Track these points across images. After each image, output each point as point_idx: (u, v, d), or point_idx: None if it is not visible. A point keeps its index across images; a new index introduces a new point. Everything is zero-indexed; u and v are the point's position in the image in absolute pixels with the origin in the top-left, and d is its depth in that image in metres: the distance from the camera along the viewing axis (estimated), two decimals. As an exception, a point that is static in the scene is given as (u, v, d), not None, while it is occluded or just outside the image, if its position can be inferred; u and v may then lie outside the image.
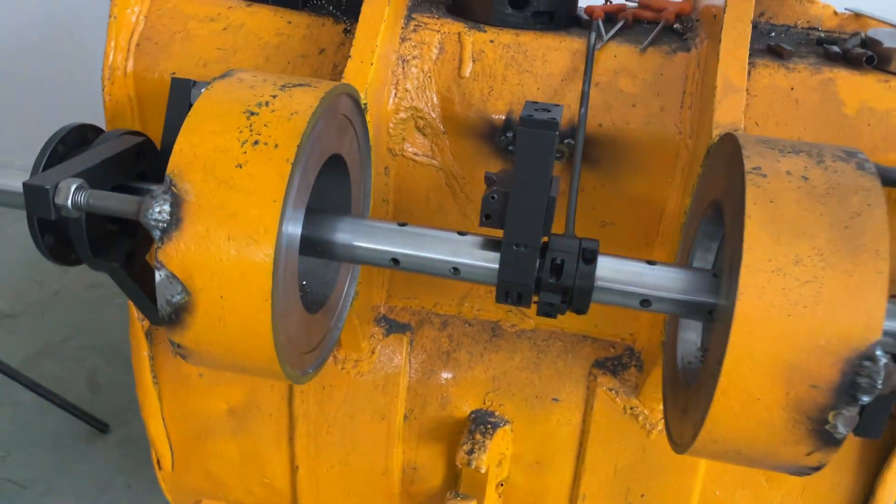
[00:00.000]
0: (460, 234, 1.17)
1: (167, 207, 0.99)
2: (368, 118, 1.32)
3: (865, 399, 0.90)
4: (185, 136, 1.02)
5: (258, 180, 0.99)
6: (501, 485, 1.68)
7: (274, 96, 1.06)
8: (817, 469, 0.98)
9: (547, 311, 1.13)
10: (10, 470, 2.56)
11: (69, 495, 2.48)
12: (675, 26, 1.51)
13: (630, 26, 1.54)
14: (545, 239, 1.11)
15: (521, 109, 1.04)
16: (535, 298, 1.12)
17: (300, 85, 1.09)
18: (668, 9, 1.52)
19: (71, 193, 1.01)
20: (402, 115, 1.48)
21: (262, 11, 1.52)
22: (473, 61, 1.47)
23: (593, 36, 1.45)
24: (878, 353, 0.88)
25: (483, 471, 1.56)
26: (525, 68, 1.46)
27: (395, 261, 1.17)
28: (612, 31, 1.46)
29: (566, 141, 1.44)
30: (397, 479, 1.71)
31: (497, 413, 1.61)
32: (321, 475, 1.75)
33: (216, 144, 1.00)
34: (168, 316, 1.03)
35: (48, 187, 1.00)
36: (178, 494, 1.97)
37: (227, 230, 0.98)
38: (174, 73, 1.48)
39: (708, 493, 1.60)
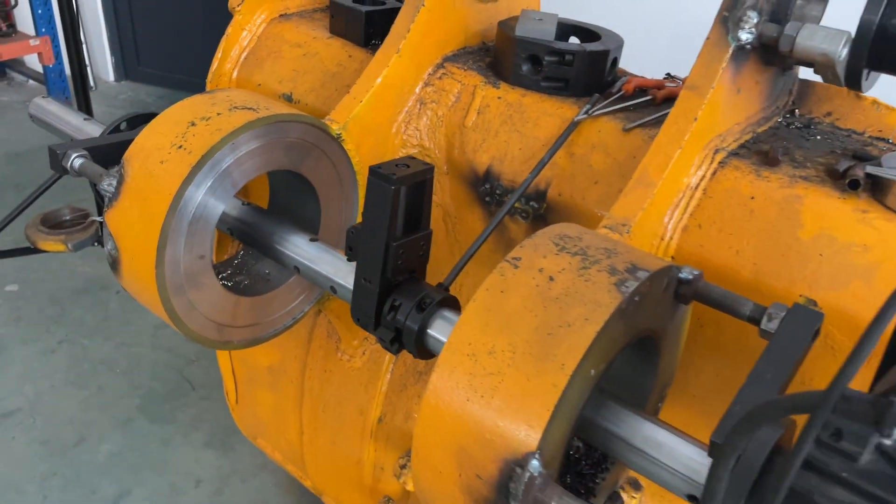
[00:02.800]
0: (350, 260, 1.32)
1: (114, 183, 1.32)
2: (352, 147, 1.52)
3: (516, 505, 0.89)
4: (145, 131, 1.33)
5: (168, 175, 1.26)
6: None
7: (219, 114, 1.33)
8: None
9: (384, 345, 1.24)
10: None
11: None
12: (685, 111, 1.45)
13: (651, 105, 1.51)
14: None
15: (501, 165, 1.13)
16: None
17: (247, 108, 1.35)
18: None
19: (71, 160, 1.40)
20: (412, 150, 1.65)
21: (335, 44, 1.79)
22: (478, 113, 1.58)
23: (586, 108, 1.47)
24: (534, 463, 0.87)
25: (409, 488, 1.67)
26: (516, 128, 1.53)
27: (297, 269, 1.37)
28: (600, 106, 1.46)
29: (531, 203, 1.48)
30: (368, 472, 1.89)
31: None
32: (318, 447, 2.00)
33: (156, 143, 1.30)
34: (110, 264, 1.37)
35: (59, 153, 1.39)
36: (243, 427, 2.37)
37: (139, 209, 1.28)
38: (260, 85, 1.83)
39: None
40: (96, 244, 2.08)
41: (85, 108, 4.09)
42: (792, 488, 0.70)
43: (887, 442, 0.55)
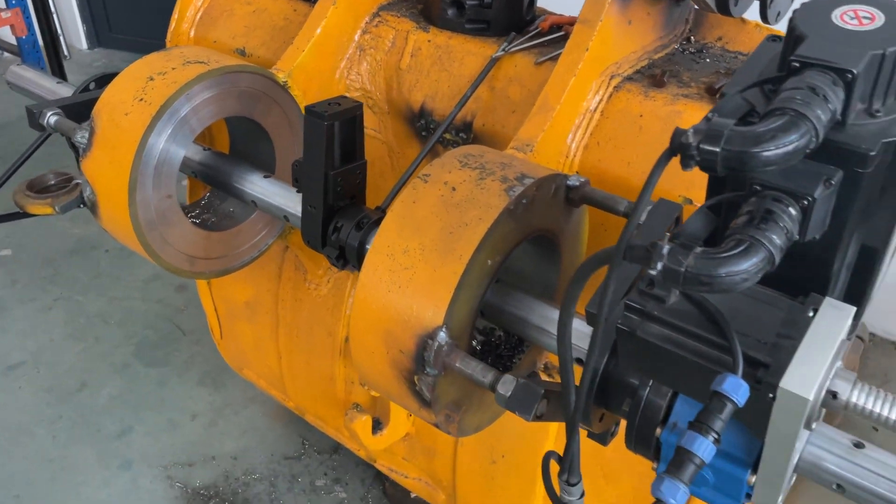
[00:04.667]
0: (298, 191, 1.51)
1: (86, 135, 1.50)
2: (299, 93, 1.70)
3: (431, 371, 1.10)
4: (110, 87, 1.51)
5: (132, 125, 1.45)
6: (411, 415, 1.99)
7: (174, 69, 1.50)
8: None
9: (331, 261, 1.44)
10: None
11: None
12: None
13: (564, 39, 1.68)
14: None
15: (433, 102, 1.30)
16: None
17: (199, 62, 1.52)
18: (590, 27, 1.64)
19: (47, 118, 1.57)
20: (356, 93, 1.83)
21: (282, 0, 1.95)
22: (411, 56, 1.75)
23: (504, 46, 1.64)
24: (441, 334, 1.08)
25: (375, 394, 1.90)
26: (445, 67, 1.71)
27: (254, 203, 1.57)
28: (517, 43, 1.64)
29: (460, 134, 1.67)
30: (341, 387, 2.11)
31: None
32: (295, 369, 2.22)
33: (120, 98, 1.48)
34: (90, 208, 1.56)
35: (36, 112, 1.57)
36: (229, 359, 2.59)
37: (110, 157, 1.47)
38: (215, 42, 1.99)
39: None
40: (82, 206, 2.26)
41: (59, 75, 4.22)
42: (620, 328, 0.91)
43: (653, 272, 0.75)
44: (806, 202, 0.76)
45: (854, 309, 0.83)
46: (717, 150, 0.70)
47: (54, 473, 2.74)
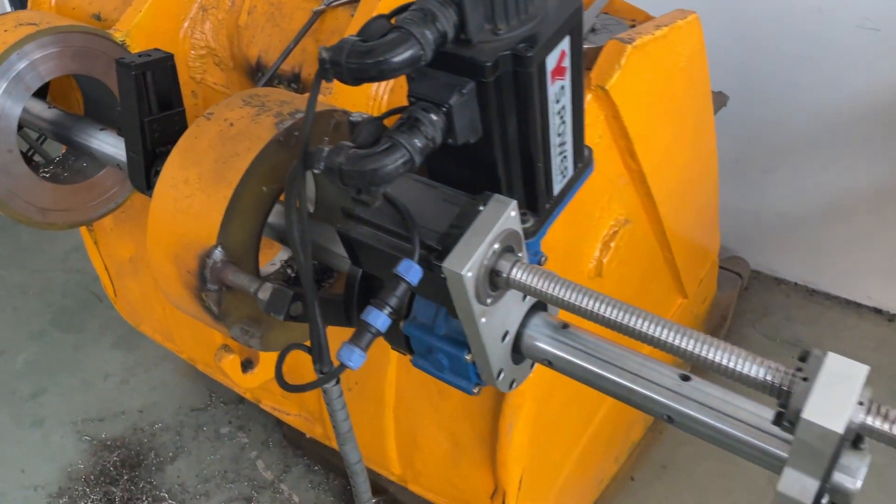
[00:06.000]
0: (130, 140, 1.63)
1: (-74, 96, 1.60)
2: (141, 52, 1.81)
3: (212, 287, 1.24)
4: (-53, 52, 1.61)
5: (-34, 84, 1.56)
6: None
7: (6, 31, 1.61)
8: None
9: (158, 202, 1.56)
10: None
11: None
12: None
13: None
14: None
15: (267, 56, 1.41)
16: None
17: (30, 24, 1.63)
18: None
19: None
20: (202, 51, 1.94)
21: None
22: (248, 14, 1.87)
23: (327, 0, 1.77)
24: (216, 252, 1.22)
25: (237, 332, 2.03)
26: (277, 23, 1.83)
27: (92, 153, 1.69)
28: (337, -3, 1.76)
29: (291, 85, 1.80)
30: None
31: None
32: (178, 319, 2.35)
33: (-45, 59, 1.59)
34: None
35: None
36: (126, 316, 2.71)
37: (-53, 114, 1.58)
38: (74, 8, 2.09)
39: (401, 393, 1.91)
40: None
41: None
42: (339, 230, 1.06)
43: (317, 171, 0.89)
44: (445, 109, 0.90)
45: (514, 202, 0.98)
46: (342, 61, 0.84)
47: (-33, 435, 2.87)
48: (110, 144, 1.66)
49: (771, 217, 3.29)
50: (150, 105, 1.51)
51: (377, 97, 1.62)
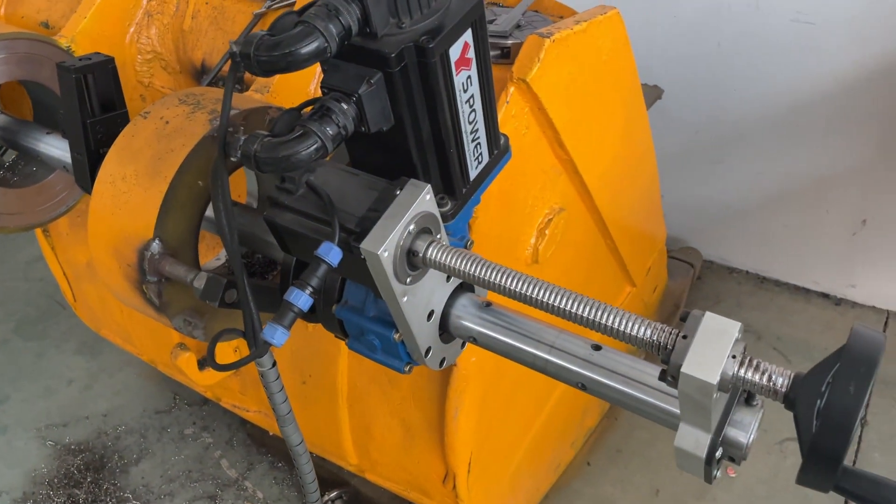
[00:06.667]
0: (77, 143, 1.67)
1: None
2: (87, 57, 1.85)
3: (151, 278, 1.29)
4: None
5: (-90, 91, 1.59)
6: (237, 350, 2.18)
7: (-51, 39, 1.64)
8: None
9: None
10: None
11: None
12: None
13: None
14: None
15: (211, 58, 1.46)
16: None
17: (-25, 32, 1.66)
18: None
19: None
20: (148, 56, 1.99)
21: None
22: (192, 18, 1.92)
23: (267, 3, 1.82)
24: (154, 245, 1.27)
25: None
26: (220, 26, 1.88)
27: (39, 156, 1.72)
28: (279, 1, 1.82)
29: (236, 86, 1.84)
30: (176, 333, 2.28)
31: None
32: (135, 321, 2.38)
33: None
34: None
35: None
36: (87, 321, 2.73)
37: None
38: (23, 17, 2.12)
39: (353, 382, 1.96)
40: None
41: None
42: (266, 218, 1.11)
43: (234, 159, 0.95)
44: (355, 98, 0.96)
45: (428, 186, 1.04)
46: (251, 53, 0.90)
47: (-70, 444, 2.87)
48: (57, 147, 1.70)
49: (721, 207, 3.39)
50: (92, 107, 1.55)
51: (314, 94, 1.67)
